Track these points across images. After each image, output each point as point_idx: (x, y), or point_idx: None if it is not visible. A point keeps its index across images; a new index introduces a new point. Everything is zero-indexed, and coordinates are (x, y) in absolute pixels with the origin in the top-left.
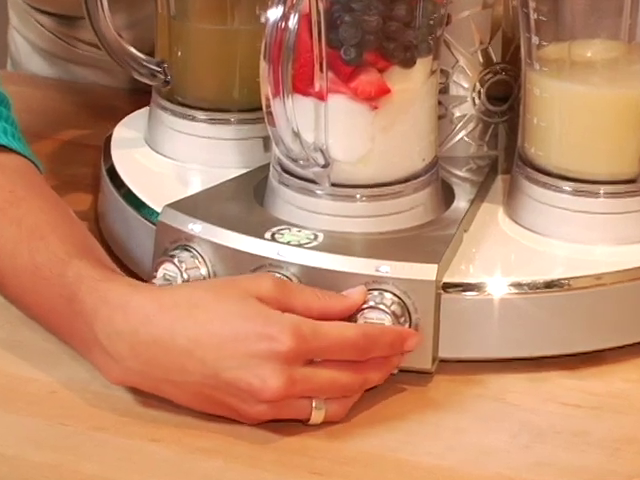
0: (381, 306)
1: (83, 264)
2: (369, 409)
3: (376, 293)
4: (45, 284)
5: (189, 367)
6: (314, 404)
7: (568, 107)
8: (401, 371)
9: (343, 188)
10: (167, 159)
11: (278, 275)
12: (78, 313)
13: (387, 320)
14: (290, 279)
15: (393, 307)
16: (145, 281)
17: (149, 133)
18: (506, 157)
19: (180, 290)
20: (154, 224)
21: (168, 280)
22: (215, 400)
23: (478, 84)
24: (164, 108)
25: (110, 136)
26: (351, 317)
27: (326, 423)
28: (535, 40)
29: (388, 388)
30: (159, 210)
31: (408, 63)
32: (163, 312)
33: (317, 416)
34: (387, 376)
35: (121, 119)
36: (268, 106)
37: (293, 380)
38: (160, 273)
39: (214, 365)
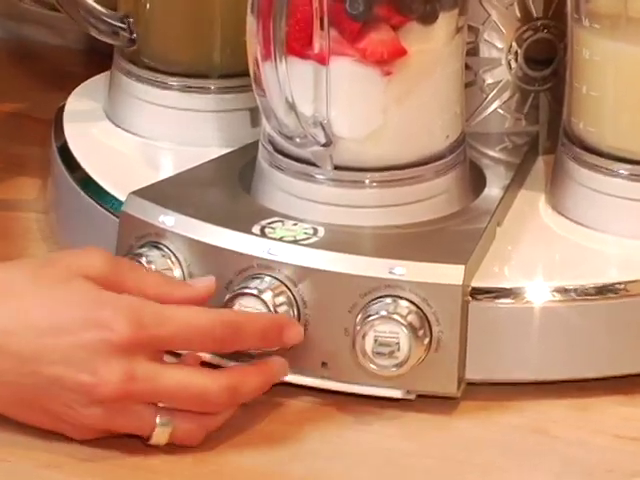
0: (395, 316)
1: None
2: (377, 441)
3: (389, 300)
4: None
5: (3, 365)
6: (158, 419)
7: (624, 73)
8: (420, 397)
9: (349, 172)
10: (132, 136)
11: (268, 279)
12: None
13: (402, 334)
14: (284, 284)
15: (410, 318)
16: None
17: (110, 104)
18: (549, 134)
19: None
20: (116, 216)
21: None
22: (36, 406)
23: (514, 44)
24: (128, 73)
25: (62, 107)
26: (357, 332)
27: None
28: None
29: (402, 417)
30: (123, 199)
31: (428, 18)
32: None
33: (161, 434)
34: (269, 383)
35: (75, 87)
36: (256, 71)
37: (132, 376)
38: None
39: (32, 361)
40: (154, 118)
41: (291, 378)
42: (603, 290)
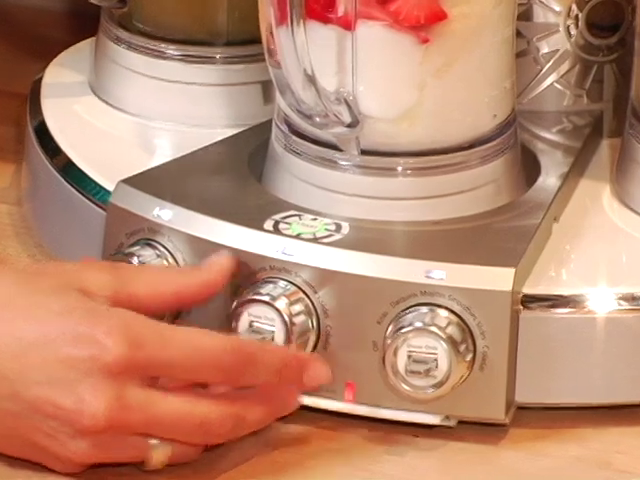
0: (433, 328)
1: None
2: (411, 476)
3: (425, 309)
4: None
5: None
6: (152, 440)
7: None
8: (461, 423)
9: (378, 157)
10: (122, 114)
11: (282, 283)
12: None
13: (441, 349)
14: (301, 290)
15: (450, 330)
16: None
17: (96, 76)
18: (615, 113)
19: None
20: (103, 208)
21: None
22: (16, 436)
23: (574, 7)
24: (118, 40)
25: (40, 80)
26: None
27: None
28: None
29: (441, 447)
30: (111, 188)
31: None
32: None
33: (157, 458)
34: (278, 414)
35: (55, 55)
36: (270, 37)
37: (123, 404)
38: None
39: (13, 380)
40: (148, 93)
41: (309, 401)
42: None
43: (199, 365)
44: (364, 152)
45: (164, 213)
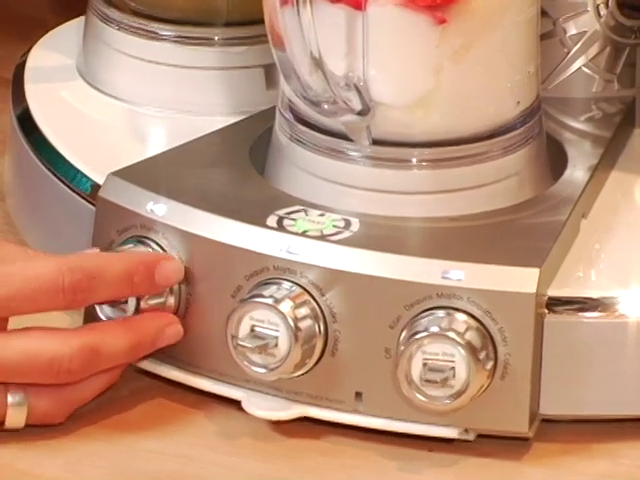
0: (450, 334)
1: None
2: None
3: (442, 313)
4: None
5: None
6: (10, 398)
7: None
8: (481, 437)
9: (391, 148)
10: (113, 100)
11: (287, 285)
12: None
13: (459, 356)
14: (307, 292)
15: (469, 335)
16: None
17: (84, 59)
18: None
19: None
20: (93, 203)
21: None
22: None
23: None
24: (108, 19)
25: (23, 64)
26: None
27: None
28: None
29: (459, 463)
30: (101, 181)
31: None
32: None
33: (16, 416)
34: (143, 345)
35: (40, 37)
36: (273, 17)
37: None
38: None
39: None
40: (141, 78)
41: (316, 413)
42: None
43: (37, 291)
44: (375, 142)
45: (158, 208)
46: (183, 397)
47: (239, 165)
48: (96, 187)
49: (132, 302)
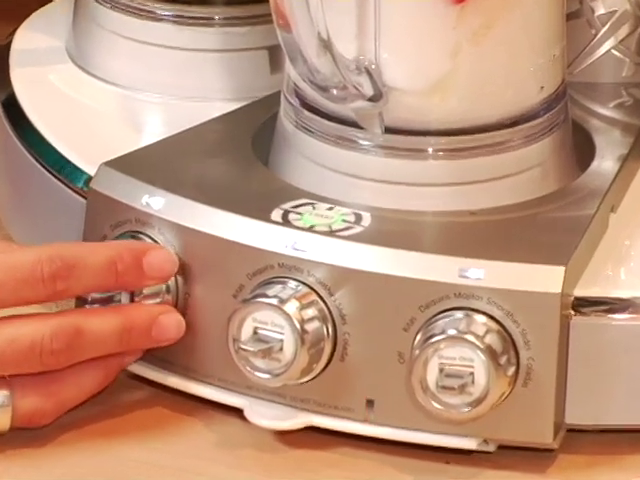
0: (469, 337)
1: None
2: None
3: (460, 314)
4: None
5: None
6: None
7: None
8: (502, 448)
9: (406, 136)
10: (105, 84)
11: (292, 284)
12: None
13: (478, 361)
14: (315, 292)
15: (489, 339)
16: None
17: (74, 40)
18: None
19: None
20: (83, 195)
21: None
22: None
23: None
24: None
25: (8, 46)
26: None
27: None
28: None
29: (479, 476)
30: (92, 172)
31: None
32: None
33: (0, 418)
34: (129, 330)
35: (26, 16)
36: None
37: None
38: None
39: None
40: (136, 61)
41: (324, 422)
42: None
43: (17, 281)
44: (388, 130)
45: (154, 201)
46: (180, 405)
47: (241, 155)
48: (87, 179)
49: (126, 300)
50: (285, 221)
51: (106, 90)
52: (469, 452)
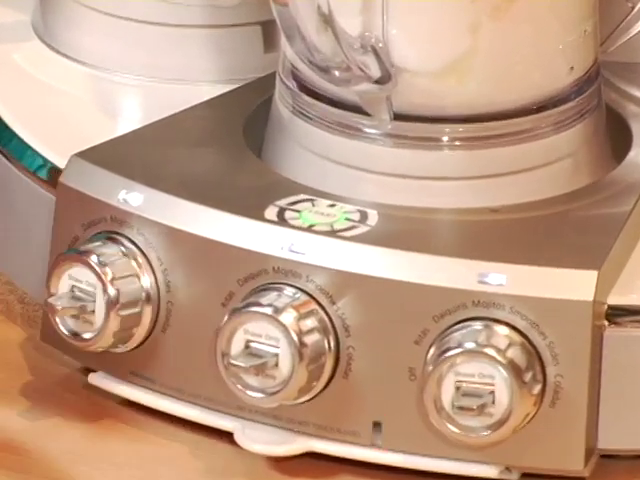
0: (489, 350)
1: None
2: None
3: (479, 325)
4: None
5: None
6: None
7: None
8: (527, 476)
9: (417, 123)
10: (77, 64)
11: (289, 291)
12: None
13: (500, 377)
14: (314, 300)
15: (511, 353)
16: (25, 300)
17: (41, 15)
18: None
19: None
20: (52, 190)
21: (78, 299)
22: None
23: None
24: None
25: None
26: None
27: None
28: None
29: None
30: (62, 164)
31: None
32: None
33: None
34: None
35: None
36: None
37: None
38: (63, 286)
39: None
40: (113, 38)
41: (325, 447)
42: None
43: None
44: (398, 117)
45: (132, 197)
46: (164, 428)
47: (231, 145)
48: (56, 172)
49: (100, 313)
50: (281, 220)
51: (77, 71)
52: None
